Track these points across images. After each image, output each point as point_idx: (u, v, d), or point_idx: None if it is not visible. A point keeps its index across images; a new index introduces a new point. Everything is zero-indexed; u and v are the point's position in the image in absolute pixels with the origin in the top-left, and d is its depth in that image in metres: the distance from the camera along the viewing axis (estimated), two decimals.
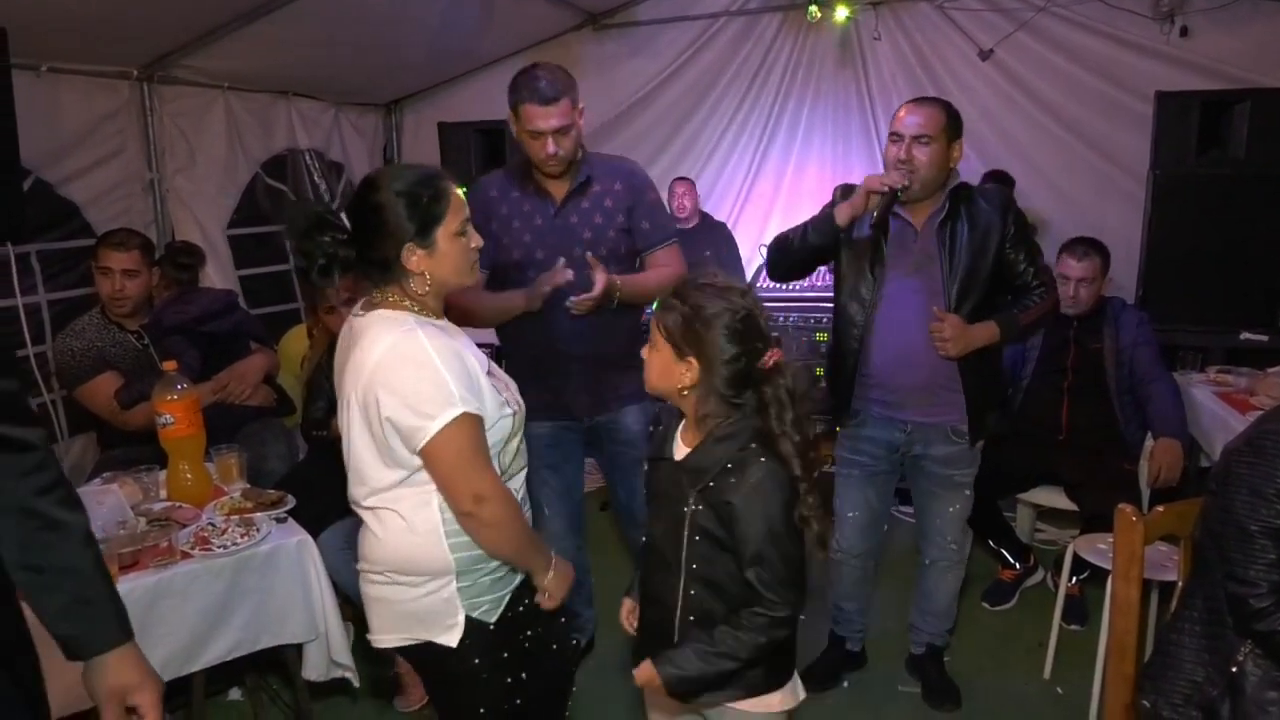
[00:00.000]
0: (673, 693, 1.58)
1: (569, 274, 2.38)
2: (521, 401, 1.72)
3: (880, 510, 2.71)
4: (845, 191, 2.50)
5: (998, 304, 2.50)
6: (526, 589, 1.75)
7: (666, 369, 1.57)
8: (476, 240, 1.67)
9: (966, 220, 2.41)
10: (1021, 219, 2.48)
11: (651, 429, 1.72)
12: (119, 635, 1.29)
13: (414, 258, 1.57)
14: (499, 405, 1.62)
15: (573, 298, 2.37)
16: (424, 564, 1.61)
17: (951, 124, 2.39)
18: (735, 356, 1.53)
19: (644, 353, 1.62)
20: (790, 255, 2.53)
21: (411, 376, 1.52)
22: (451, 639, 1.62)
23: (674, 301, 1.57)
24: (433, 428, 1.50)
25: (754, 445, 1.55)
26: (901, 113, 2.41)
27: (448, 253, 1.60)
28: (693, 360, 1.54)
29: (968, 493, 2.63)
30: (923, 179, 2.36)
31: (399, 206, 1.55)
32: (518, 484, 1.74)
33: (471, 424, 1.53)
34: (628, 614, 1.79)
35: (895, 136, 2.40)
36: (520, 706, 1.72)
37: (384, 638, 1.69)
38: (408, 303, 1.61)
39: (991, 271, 2.44)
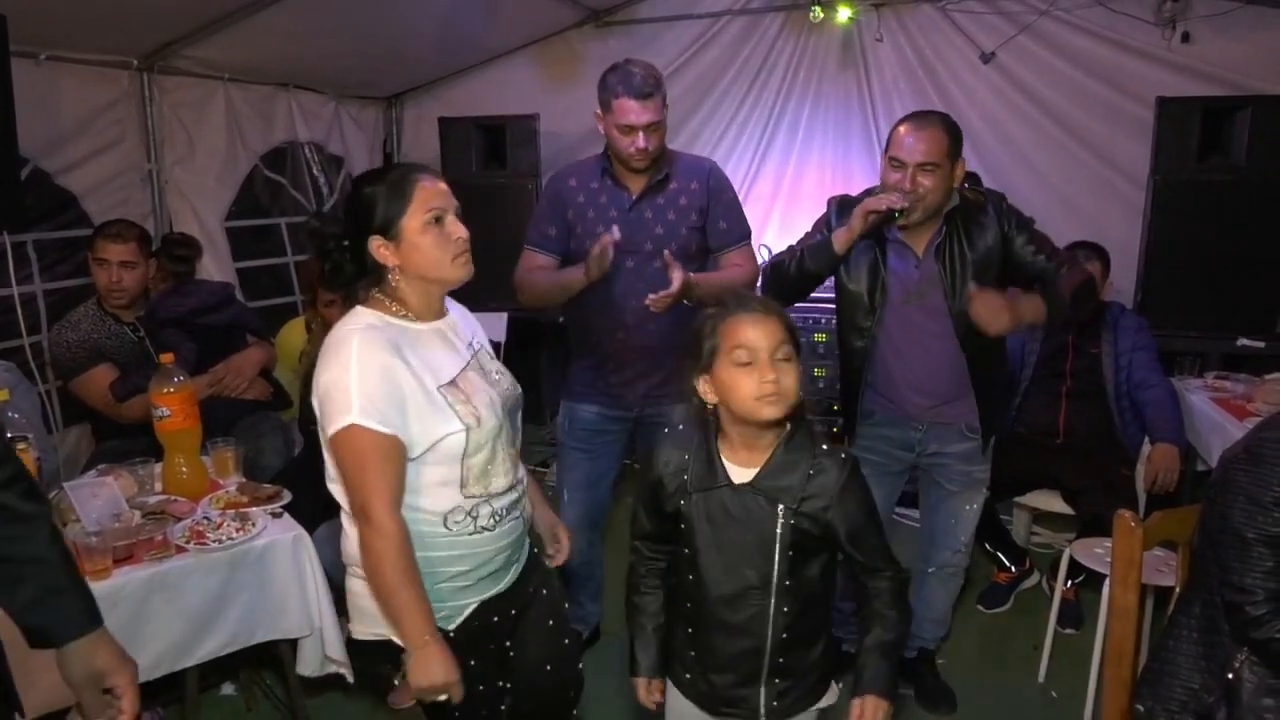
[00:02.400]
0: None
1: (615, 234, 2.39)
2: (483, 416, 1.61)
3: (885, 511, 2.68)
4: (841, 205, 2.44)
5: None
6: (505, 601, 1.73)
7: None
8: (458, 231, 1.63)
9: (966, 239, 2.33)
10: (1019, 212, 2.40)
11: (665, 461, 1.64)
12: (90, 623, 1.32)
13: (382, 250, 1.60)
14: (444, 423, 1.56)
15: (651, 295, 2.38)
16: None
17: (954, 144, 2.27)
18: None
19: (778, 373, 1.51)
20: (787, 283, 2.46)
21: (329, 374, 1.53)
22: None
23: (779, 306, 1.58)
24: (329, 430, 1.52)
25: (824, 446, 1.57)
26: (903, 133, 2.26)
27: (417, 244, 1.59)
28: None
29: (985, 490, 2.61)
30: (928, 206, 2.28)
31: (366, 200, 1.59)
32: (500, 505, 1.67)
33: (364, 438, 1.49)
34: (648, 694, 1.73)
35: (896, 162, 2.26)
36: (502, 713, 1.72)
37: (356, 628, 1.72)
38: (388, 302, 1.63)
39: (999, 282, 2.37)
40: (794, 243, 2.56)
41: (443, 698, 1.57)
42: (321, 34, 4.00)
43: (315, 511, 2.53)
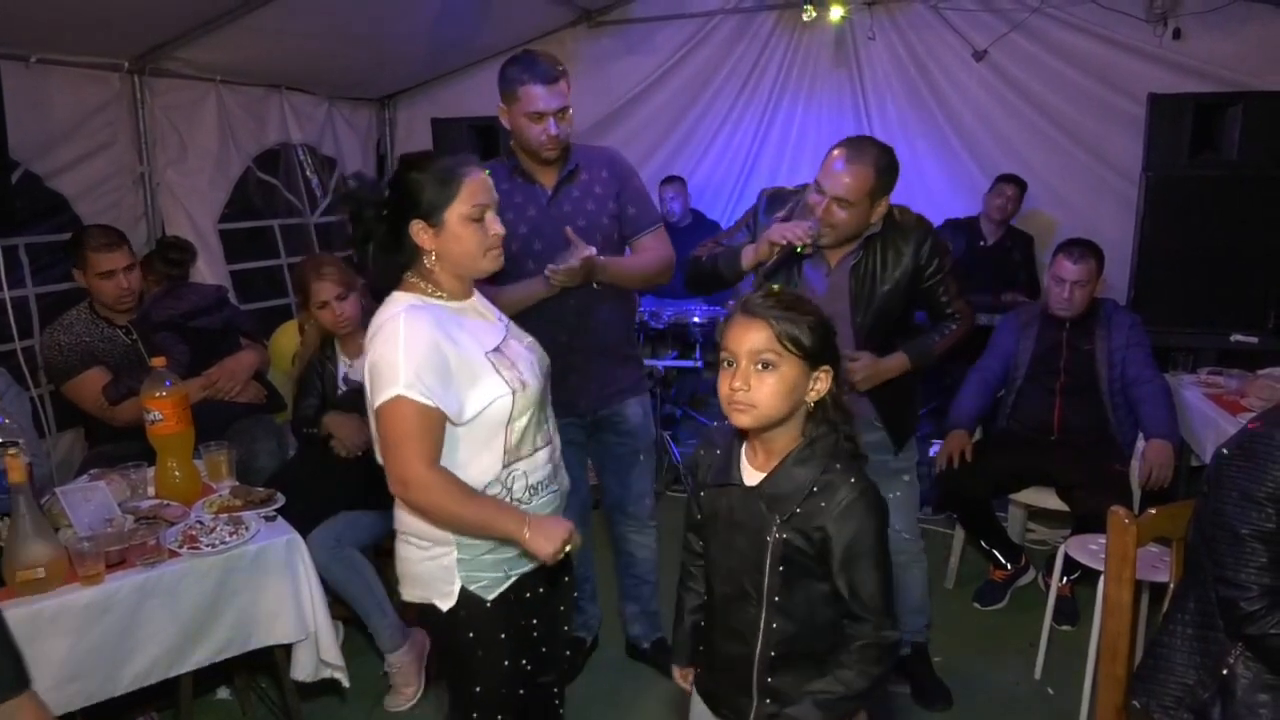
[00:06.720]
0: None
1: (591, 249, 2.36)
2: (528, 380, 1.71)
3: None
4: (771, 199, 2.51)
5: (910, 328, 2.50)
6: (538, 577, 1.78)
7: (797, 384, 1.45)
8: (496, 228, 1.70)
9: (880, 263, 2.38)
10: (941, 250, 2.42)
11: (701, 451, 1.65)
12: (17, 685, 1.31)
13: (424, 235, 1.66)
14: (492, 387, 1.64)
15: (550, 266, 2.35)
16: (427, 531, 1.68)
17: (881, 183, 2.28)
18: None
19: (751, 381, 1.44)
20: (702, 278, 2.55)
21: (378, 350, 1.61)
22: (445, 604, 1.70)
23: (789, 314, 1.45)
24: (376, 401, 1.60)
25: (838, 465, 1.47)
26: (834, 158, 2.28)
27: (457, 235, 1.66)
28: (829, 368, 1.48)
29: (907, 478, 2.60)
30: (838, 235, 2.33)
31: (414, 184, 1.65)
32: (535, 464, 1.75)
33: (409, 409, 1.57)
34: (683, 679, 1.76)
35: (819, 188, 2.30)
36: (521, 696, 1.77)
37: (404, 591, 1.77)
38: (423, 285, 1.70)
39: (904, 311, 2.44)
40: (720, 235, 2.61)
41: (569, 548, 1.65)
42: (313, 35, 3.99)
43: (309, 515, 2.53)
